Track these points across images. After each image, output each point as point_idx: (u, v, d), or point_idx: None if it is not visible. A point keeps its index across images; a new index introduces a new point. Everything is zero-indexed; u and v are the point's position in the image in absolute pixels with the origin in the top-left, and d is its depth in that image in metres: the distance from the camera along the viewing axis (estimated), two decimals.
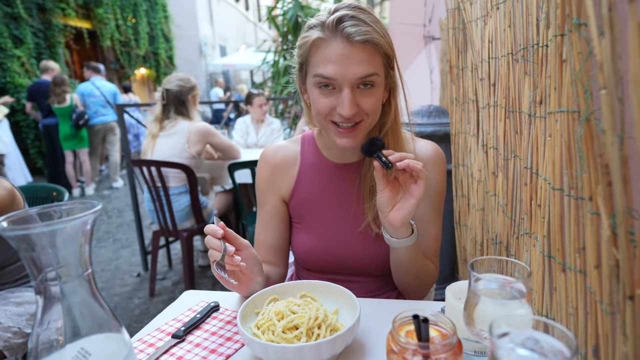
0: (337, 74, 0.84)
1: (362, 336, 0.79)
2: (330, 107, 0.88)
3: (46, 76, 5.68)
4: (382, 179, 0.86)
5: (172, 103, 2.64)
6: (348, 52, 0.83)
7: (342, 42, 0.83)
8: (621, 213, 0.53)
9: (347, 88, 0.85)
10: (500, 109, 1.20)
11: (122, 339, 0.55)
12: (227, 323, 0.88)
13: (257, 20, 23.63)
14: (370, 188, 0.99)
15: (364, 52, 0.84)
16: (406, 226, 0.88)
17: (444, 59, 2.44)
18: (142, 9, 10.97)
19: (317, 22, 0.88)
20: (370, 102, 0.88)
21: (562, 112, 0.74)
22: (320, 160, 1.06)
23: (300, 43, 0.91)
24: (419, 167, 0.81)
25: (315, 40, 0.86)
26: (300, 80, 0.96)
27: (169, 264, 3.42)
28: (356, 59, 0.83)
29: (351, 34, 0.82)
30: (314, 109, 0.91)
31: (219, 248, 0.81)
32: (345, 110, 0.85)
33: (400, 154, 0.83)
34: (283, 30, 5.66)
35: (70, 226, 0.48)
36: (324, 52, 0.85)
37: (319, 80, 0.87)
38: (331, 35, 0.84)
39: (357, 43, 0.83)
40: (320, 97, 0.88)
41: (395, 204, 0.87)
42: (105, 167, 7.51)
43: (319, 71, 0.86)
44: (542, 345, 0.43)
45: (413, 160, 0.82)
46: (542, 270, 0.88)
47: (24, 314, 1.30)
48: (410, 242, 0.90)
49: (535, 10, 0.91)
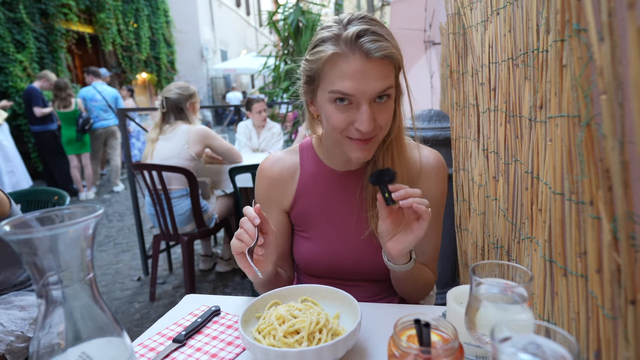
0: (356, 90, 0.82)
1: (363, 341, 0.78)
2: (347, 122, 0.86)
3: (36, 83, 5.68)
4: (385, 209, 0.84)
5: (171, 111, 2.69)
6: (367, 68, 0.81)
7: (361, 57, 0.81)
8: (622, 217, 0.53)
9: (366, 104, 0.83)
10: (500, 113, 1.21)
11: (124, 343, 0.55)
12: (228, 327, 0.88)
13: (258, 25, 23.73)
14: (373, 195, 0.98)
15: (382, 67, 0.82)
16: (404, 256, 0.87)
17: (444, 63, 2.45)
18: (144, 14, 11.04)
19: (330, 35, 0.84)
20: (385, 116, 0.87)
21: (562, 116, 0.74)
22: (320, 169, 1.05)
23: (313, 58, 0.87)
24: (423, 208, 0.78)
25: (331, 56, 0.83)
26: (309, 93, 0.94)
27: (170, 268, 3.42)
28: (374, 75, 0.82)
29: (370, 50, 0.80)
30: (329, 124, 0.89)
31: (253, 235, 0.81)
32: (364, 126, 0.83)
33: (405, 192, 0.80)
34: (284, 35, 5.69)
35: (72, 230, 0.48)
36: (341, 68, 0.83)
37: (335, 96, 0.85)
38: (349, 51, 0.82)
39: (375, 59, 0.81)
40: (336, 112, 0.86)
41: (395, 234, 0.85)
42: (106, 171, 7.52)
43: (336, 87, 0.83)
44: (544, 350, 0.43)
45: (418, 199, 0.79)
46: (544, 274, 0.87)
47: (27, 318, 1.29)
48: (407, 268, 0.90)
49: (535, 16, 0.92)
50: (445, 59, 2.25)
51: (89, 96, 5.80)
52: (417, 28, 4.04)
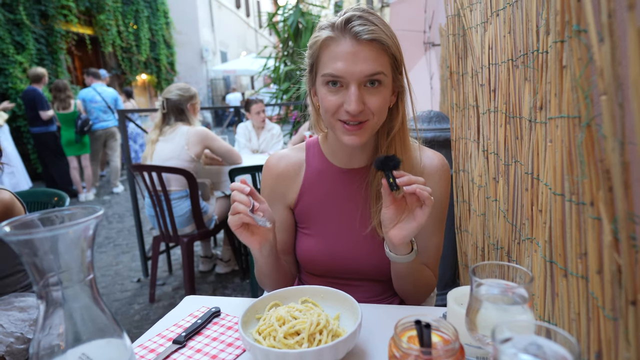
0: (344, 71, 0.86)
1: (363, 342, 0.78)
2: (337, 104, 0.89)
3: (36, 85, 5.66)
4: (389, 196, 0.86)
5: (171, 112, 2.69)
6: (356, 49, 0.85)
7: (351, 40, 0.86)
8: (622, 218, 0.53)
9: (354, 85, 0.86)
10: (500, 114, 1.21)
11: (124, 345, 0.55)
12: (228, 328, 0.88)
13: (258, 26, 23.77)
14: (377, 192, 0.99)
15: (371, 50, 0.86)
16: (405, 245, 0.88)
17: (444, 65, 2.45)
18: (144, 16, 11.05)
19: (327, 24, 0.91)
20: (376, 101, 0.89)
21: (562, 117, 0.74)
22: (325, 166, 1.06)
23: (311, 43, 0.94)
24: (426, 194, 0.80)
25: (325, 40, 0.89)
26: (310, 81, 0.98)
27: (169, 269, 3.41)
28: (363, 57, 0.85)
29: (359, 32, 0.85)
30: (322, 107, 0.93)
31: (248, 203, 0.85)
32: (351, 106, 0.86)
33: (409, 178, 0.82)
34: (284, 37, 5.70)
35: (72, 231, 0.48)
36: (333, 51, 0.88)
37: (327, 79, 0.89)
38: (340, 34, 0.87)
39: (364, 41, 0.85)
40: (328, 94, 0.90)
41: (398, 222, 0.87)
42: (106, 173, 7.52)
43: (328, 70, 0.88)
44: (545, 351, 0.43)
45: (421, 185, 0.81)
46: (544, 275, 0.87)
47: (27, 320, 1.29)
48: (408, 259, 0.90)
49: (535, 17, 0.92)
50: (445, 60, 2.25)
51: (89, 97, 5.81)
52: (417, 29, 4.04)
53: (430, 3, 3.75)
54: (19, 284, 1.41)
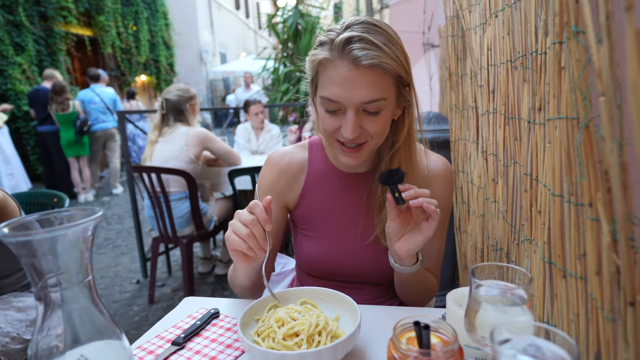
0: (341, 97, 0.82)
1: (363, 343, 0.78)
2: (335, 127, 0.87)
3: (46, 83, 5.71)
4: (394, 210, 0.84)
5: (170, 112, 2.69)
6: (354, 75, 0.80)
7: (348, 65, 0.80)
8: (621, 219, 0.53)
9: (351, 111, 0.83)
10: (499, 115, 1.21)
11: (122, 346, 0.55)
12: (227, 330, 0.87)
13: (257, 27, 23.78)
14: (380, 201, 0.97)
15: (371, 76, 0.80)
16: (411, 257, 0.87)
17: (443, 66, 2.45)
18: (143, 17, 11.05)
19: (326, 40, 0.84)
20: (375, 126, 0.85)
21: (561, 118, 0.74)
22: (329, 169, 1.05)
23: (310, 59, 0.89)
24: (433, 207, 0.78)
25: (322, 60, 0.84)
26: (312, 92, 0.95)
27: (169, 270, 3.41)
28: (362, 84, 0.80)
29: (358, 58, 0.79)
30: (321, 125, 0.90)
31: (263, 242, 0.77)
32: (347, 133, 0.84)
33: (415, 191, 0.80)
34: (283, 38, 5.71)
35: (71, 232, 0.48)
36: (329, 74, 0.83)
37: (324, 102, 0.86)
38: (337, 57, 0.81)
39: (363, 67, 0.79)
40: (326, 116, 0.87)
41: (403, 234, 0.85)
42: (105, 174, 7.51)
43: (325, 94, 0.84)
44: (544, 352, 0.43)
45: (427, 199, 0.79)
46: (543, 276, 0.87)
47: (24, 320, 1.29)
48: (414, 270, 0.90)
49: (533, 18, 0.92)
50: (444, 62, 2.25)
51: (87, 99, 5.80)
52: (416, 30, 4.05)
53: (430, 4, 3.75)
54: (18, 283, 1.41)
